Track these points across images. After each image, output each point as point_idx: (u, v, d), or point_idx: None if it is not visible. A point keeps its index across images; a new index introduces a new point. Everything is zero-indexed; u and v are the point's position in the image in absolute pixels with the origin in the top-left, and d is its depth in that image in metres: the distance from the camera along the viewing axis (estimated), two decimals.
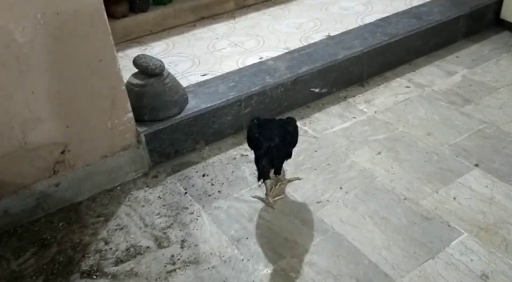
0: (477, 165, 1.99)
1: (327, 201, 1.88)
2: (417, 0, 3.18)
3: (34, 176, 1.86)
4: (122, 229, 1.84)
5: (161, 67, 2.04)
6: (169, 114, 2.10)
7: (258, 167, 1.76)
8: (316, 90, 2.51)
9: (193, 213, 1.88)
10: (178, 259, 1.69)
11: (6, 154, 1.76)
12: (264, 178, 1.80)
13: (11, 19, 1.56)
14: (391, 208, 1.82)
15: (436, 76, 2.67)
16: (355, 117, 2.38)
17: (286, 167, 2.05)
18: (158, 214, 1.90)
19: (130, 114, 1.99)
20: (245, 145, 2.23)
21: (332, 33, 2.85)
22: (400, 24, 2.82)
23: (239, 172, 2.08)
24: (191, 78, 2.51)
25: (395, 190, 1.90)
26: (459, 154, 2.06)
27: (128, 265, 1.68)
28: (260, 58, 2.64)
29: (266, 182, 1.86)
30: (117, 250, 1.75)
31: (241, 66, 2.55)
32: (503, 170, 1.95)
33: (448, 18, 2.87)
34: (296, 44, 2.76)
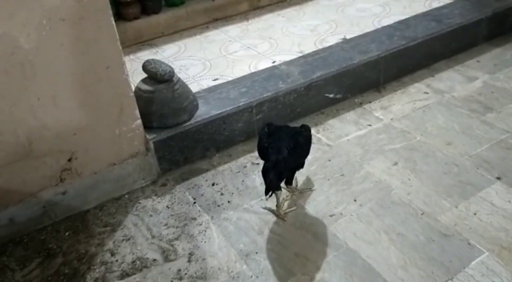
0: (499, 178, 1.90)
1: (341, 214, 1.80)
2: (437, 2, 3.08)
3: (40, 184, 1.83)
4: (128, 239, 1.80)
5: (171, 73, 1.99)
6: (179, 121, 2.04)
7: (265, 180, 1.69)
8: (331, 95, 2.43)
9: (201, 224, 1.83)
10: (185, 273, 1.63)
11: (12, 161, 1.72)
12: (272, 191, 1.72)
13: (15, 25, 1.52)
14: (408, 224, 1.73)
15: (456, 81, 2.57)
16: (370, 125, 2.30)
17: (299, 176, 1.98)
18: (166, 224, 1.84)
19: (139, 121, 1.94)
20: (256, 153, 2.16)
21: (348, 36, 2.76)
22: (419, 27, 2.72)
23: (249, 181, 2.02)
24: (202, 82, 2.45)
25: (412, 203, 1.82)
26: (480, 165, 1.97)
27: (134, 279, 1.63)
28: (273, 62, 2.57)
29: (277, 193, 1.79)
30: (123, 262, 1.70)
31: (253, 71, 2.48)
32: None
33: (469, 21, 2.76)
34: (311, 48, 2.69)
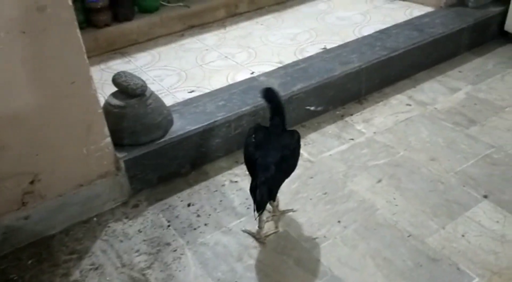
0: (486, 196, 1.84)
1: (324, 237, 1.71)
2: (417, 10, 3.03)
3: (0, 209, 1.68)
4: (97, 269, 1.66)
5: (143, 87, 1.87)
6: (152, 138, 1.92)
7: (254, 199, 1.58)
8: (312, 108, 2.35)
9: (176, 250, 1.71)
10: None
11: None
12: (262, 210, 1.62)
13: None
14: (394, 247, 1.65)
15: (439, 93, 2.51)
16: (353, 139, 2.22)
17: (280, 195, 1.88)
18: (138, 251, 1.72)
19: (108, 139, 1.81)
20: (235, 170, 2.07)
21: (328, 46, 2.68)
22: (400, 37, 2.66)
23: (227, 202, 1.91)
24: (178, 95, 2.33)
25: (398, 225, 1.74)
26: (466, 183, 1.91)
27: None
28: (252, 73, 2.47)
29: (261, 215, 1.68)
30: None
31: (231, 82, 2.38)
32: None
33: (451, 30, 2.71)
34: (290, 58, 2.60)
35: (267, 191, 1.57)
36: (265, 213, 1.78)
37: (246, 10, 3.29)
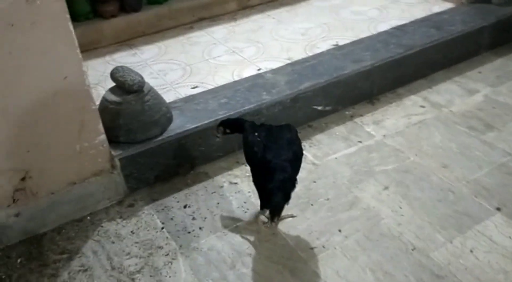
0: (499, 208, 1.72)
1: (323, 246, 1.62)
2: (437, 7, 2.88)
3: None
4: (86, 270, 1.61)
5: (140, 83, 1.80)
6: (148, 135, 1.85)
7: (271, 203, 1.51)
8: (319, 108, 2.24)
9: (168, 255, 1.64)
10: None
11: None
12: (279, 216, 1.58)
13: None
14: (396, 260, 1.55)
15: (455, 94, 2.38)
16: (361, 142, 2.11)
17: None
18: (129, 254, 1.66)
19: (103, 137, 1.75)
20: (235, 171, 1.99)
21: (340, 42, 2.57)
22: (417, 34, 2.53)
23: (225, 204, 1.84)
24: (180, 90, 2.26)
25: (402, 236, 1.64)
26: (479, 193, 1.79)
27: None
28: (258, 70, 2.37)
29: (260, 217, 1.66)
30: None
31: (236, 79, 2.29)
32: None
33: (471, 29, 2.57)
34: (300, 54, 2.49)
35: (286, 195, 1.52)
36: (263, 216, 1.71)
37: (258, 3, 3.19)
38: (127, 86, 1.79)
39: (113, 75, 1.83)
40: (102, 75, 2.44)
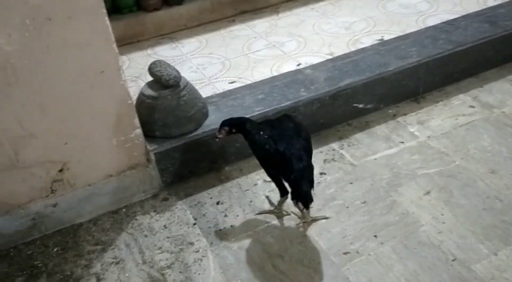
0: None
1: (357, 252, 1.56)
2: (492, 0, 2.70)
3: (29, 195, 1.69)
4: (118, 263, 1.63)
5: (176, 78, 1.79)
6: (183, 131, 1.85)
7: (301, 193, 1.51)
8: (360, 105, 2.16)
9: (198, 251, 1.63)
10: None
11: None
12: (310, 203, 1.54)
13: None
14: (435, 271, 1.47)
15: (509, 95, 2.22)
16: (403, 143, 2.02)
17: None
18: (160, 248, 1.66)
19: (139, 131, 1.76)
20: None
21: (386, 37, 2.47)
22: (469, 30, 2.38)
23: (258, 202, 1.81)
24: (218, 85, 2.24)
25: (442, 246, 1.55)
26: None
27: None
28: (298, 65, 2.31)
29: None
30: None
31: (274, 74, 2.24)
32: None
33: None
34: (342, 49, 2.41)
35: (309, 181, 1.52)
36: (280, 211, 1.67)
37: None
38: (163, 81, 1.78)
39: (150, 69, 1.84)
40: (143, 68, 2.46)
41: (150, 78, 1.88)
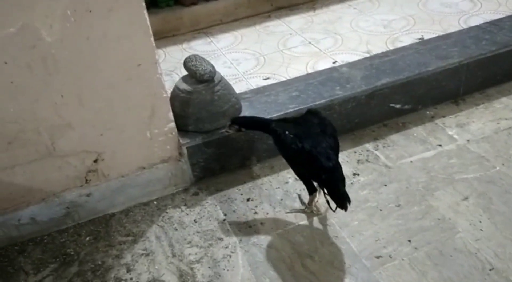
0: None
1: (390, 256, 1.52)
2: None
3: (64, 184, 1.72)
4: (148, 255, 1.64)
5: (211, 73, 1.78)
6: (216, 126, 1.84)
7: (338, 193, 1.49)
8: (397, 106, 2.11)
9: (227, 247, 1.63)
10: None
11: (34, 160, 1.62)
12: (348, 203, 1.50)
13: (37, 16, 1.37)
14: (471, 280, 1.42)
15: None
16: (441, 146, 1.95)
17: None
18: (190, 242, 1.67)
19: (172, 124, 1.76)
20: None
21: (426, 36, 2.39)
22: None
23: (288, 201, 1.78)
24: (252, 81, 2.22)
25: (479, 254, 1.49)
26: None
27: None
28: (334, 63, 2.27)
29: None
30: None
31: (310, 71, 2.21)
32: None
33: None
34: (380, 48, 2.35)
35: (342, 180, 1.51)
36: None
37: None
38: (198, 76, 1.78)
39: (185, 64, 1.84)
40: (178, 62, 2.47)
41: (185, 73, 1.88)
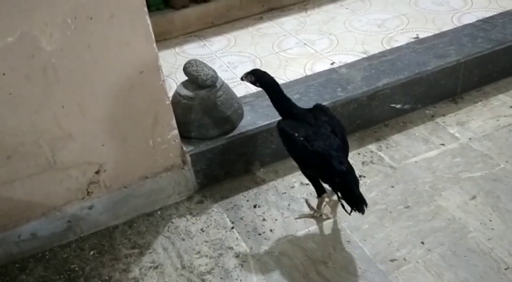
0: None
1: (404, 259, 1.51)
2: None
3: (65, 197, 1.66)
4: (156, 267, 1.59)
5: (214, 78, 1.74)
6: (220, 132, 1.80)
7: (353, 197, 1.46)
8: (397, 106, 2.10)
9: (238, 256, 1.59)
10: None
11: (34, 173, 1.55)
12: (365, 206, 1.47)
13: (36, 24, 1.32)
14: (487, 280, 1.41)
15: None
16: (444, 145, 1.95)
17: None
18: (199, 252, 1.63)
19: (175, 132, 1.72)
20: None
21: (421, 35, 2.40)
22: (508, 28, 2.30)
23: (296, 206, 1.76)
24: (250, 84, 2.18)
25: (493, 253, 1.49)
26: None
27: None
28: (332, 64, 2.26)
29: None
30: None
31: (308, 73, 2.19)
32: None
33: None
34: (377, 48, 2.35)
35: (356, 184, 1.48)
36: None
37: None
38: (200, 81, 1.74)
39: (186, 69, 1.79)
40: (172, 67, 2.42)
41: (180, 77, 1.84)
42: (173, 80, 2.28)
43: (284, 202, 1.78)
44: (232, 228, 1.71)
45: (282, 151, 1.94)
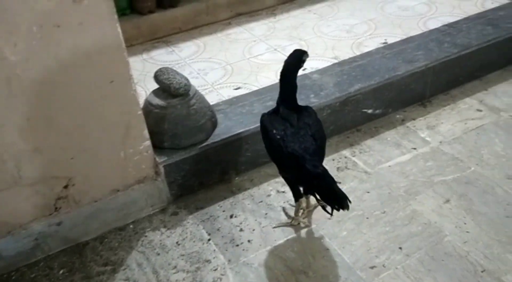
0: None
1: (383, 266, 1.51)
2: (490, 2, 2.71)
3: (31, 214, 1.57)
4: None
5: (187, 86, 1.70)
6: (194, 141, 1.76)
7: (335, 196, 1.40)
8: (369, 111, 2.12)
9: (216, 270, 1.55)
10: None
11: None
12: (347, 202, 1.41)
13: None
14: None
15: None
16: (415, 149, 1.98)
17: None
18: (175, 267, 1.57)
19: (147, 143, 1.66)
20: (283, 179, 1.88)
21: (389, 40, 2.43)
22: (472, 32, 2.36)
23: (273, 214, 1.74)
24: (223, 91, 2.16)
25: (469, 256, 1.51)
26: None
27: None
28: (304, 70, 2.25)
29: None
30: None
31: None
32: None
33: None
34: (347, 53, 2.36)
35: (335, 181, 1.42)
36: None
37: None
38: (172, 90, 1.69)
39: (157, 77, 1.74)
40: (140, 74, 2.35)
41: (149, 85, 1.79)
42: (141, 88, 2.22)
43: (261, 210, 1.76)
44: (209, 240, 1.66)
45: (257, 159, 1.92)
